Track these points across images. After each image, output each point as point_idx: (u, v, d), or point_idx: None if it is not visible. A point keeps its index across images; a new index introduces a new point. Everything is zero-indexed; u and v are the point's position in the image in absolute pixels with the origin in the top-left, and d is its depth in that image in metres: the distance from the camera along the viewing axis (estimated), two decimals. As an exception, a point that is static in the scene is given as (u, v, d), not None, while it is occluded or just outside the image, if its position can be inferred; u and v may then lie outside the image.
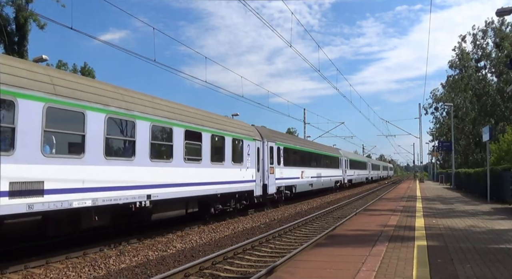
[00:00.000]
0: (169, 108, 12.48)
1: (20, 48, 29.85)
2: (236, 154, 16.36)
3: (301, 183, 24.92)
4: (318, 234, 12.54)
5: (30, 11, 29.02)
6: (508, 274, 5.71)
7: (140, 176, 10.67)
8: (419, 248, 7.61)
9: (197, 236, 12.33)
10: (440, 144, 52.16)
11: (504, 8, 16.11)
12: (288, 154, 22.73)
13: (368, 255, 7.03)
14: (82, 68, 44.43)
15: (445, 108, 57.60)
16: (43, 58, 22.18)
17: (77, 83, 9.32)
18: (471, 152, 53.70)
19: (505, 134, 29.79)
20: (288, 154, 22.85)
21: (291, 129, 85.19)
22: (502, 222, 11.59)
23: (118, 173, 9.96)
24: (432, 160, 76.66)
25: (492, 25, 50.46)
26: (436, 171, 63.11)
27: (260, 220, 16.44)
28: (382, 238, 8.75)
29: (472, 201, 19.64)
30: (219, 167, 14.88)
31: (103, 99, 9.75)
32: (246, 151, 17.36)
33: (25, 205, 7.61)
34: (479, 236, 9.06)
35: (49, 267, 8.53)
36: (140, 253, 9.98)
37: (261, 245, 11.08)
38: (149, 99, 11.78)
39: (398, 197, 23.42)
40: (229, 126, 16.30)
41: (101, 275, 8.18)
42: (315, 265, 6.56)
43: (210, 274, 8.11)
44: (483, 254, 7.05)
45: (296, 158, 24.73)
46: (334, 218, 17.35)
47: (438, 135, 62.56)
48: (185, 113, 13.25)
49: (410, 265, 6.26)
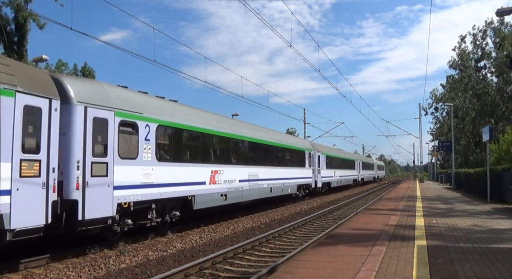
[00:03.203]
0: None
1: (19, 48, 29.84)
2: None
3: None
4: (318, 234, 12.55)
5: (29, 11, 29.00)
6: (508, 274, 5.71)
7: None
8: (419, 248, 7.61)
9: (197, 236, 12.33)
10: (440, 144, 52.14)
11: (504, 8, 16.10)
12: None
13: (368, 255, 7.03)
14: (82, 68, 44.40)
15: (445, 109, 57.60)
16: (43, 58, 22.19)
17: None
18: (471, 152, 53.67)
19: (505, 134, 29.76)
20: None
21: (290, 129, 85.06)
22: (502, 221, 11.59)
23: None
24: (432, 160, 76.63)
25: (492, 25, 50.49)
26: (436, 171, 63.08)
27: (260, 220, 16.43)
28: (382, 238, 8.75)
29: (472, 201, 19.63)
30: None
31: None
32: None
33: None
34: (479, 236, 9.06)
35: (49, 267, 8.53)
36: (140, 253, 9.97)
37: (261, 245, 11.08)
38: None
39: (398, 197, 23.41)
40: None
41: (101, 275, 8.18)
42: (315, 265, 6.55)
43: (210, 274, 8.11)
44: (483, 254, 7.04)
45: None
46: (334, 217, 17.36)
47: (438, 135, 62.54)
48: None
49: (410, 265, 6.25)
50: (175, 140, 12.61)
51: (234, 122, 19.28)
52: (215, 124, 15.34)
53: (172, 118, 12.36)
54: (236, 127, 17.45)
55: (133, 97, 11.19)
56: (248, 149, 18.37)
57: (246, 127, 19.17)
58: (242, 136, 17.57)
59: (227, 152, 16.27)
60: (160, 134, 11.74)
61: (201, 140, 14.11)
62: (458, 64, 55.16)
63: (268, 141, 20.60)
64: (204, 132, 14.15)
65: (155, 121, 11.41)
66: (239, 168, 16.84)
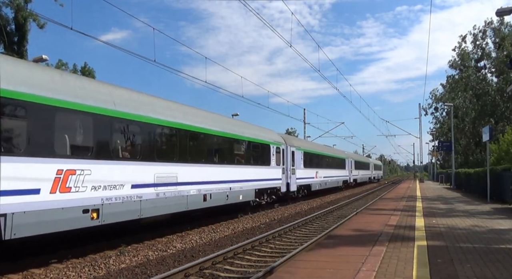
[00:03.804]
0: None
1: (19, 48, 29.83)
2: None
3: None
4: (318, 234, 12.54)
5: (29, 11, 29.00)
6: (508, 274, 5.71)
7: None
8: (419, 248, 7.61)
9: (197, 236, 12.33)
10: (440, 144, 52.11)
11: (504, 8, 16.09)
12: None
13: (368, 255, 7.03)
14: (82, 68, 44.37)
15: (445, 109, 57.61)
16: (43, 58, 22.18)
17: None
18: (471, 152, 53.67)
19: (505, 134, 29.76)
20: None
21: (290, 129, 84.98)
22: (502, 222, 11.59)
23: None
24: (432, 160, 76.62)
25: (491, 25, 50.48)
26: (436, 171, 63.07)
27: (260, 220, 16.43)
28: (382, 238, 8.75)
29: (472, 201, 19.63)
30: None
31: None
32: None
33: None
34: (479, 236, 9.05)
35: (49, 267, 8.53)
36: (140, 253, 9.97)
37: (261, 245, 11.08)
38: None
39: (398, 197, 23.41)
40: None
41: (101, 275, 8.18)
42: (315, 265, 6.55)
43: (210, 274, 8.11)
44: (483, 254, 7.04)
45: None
46: (334, 218, 17.36)
47: (438, 136, 62.54)
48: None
49: (410, 265, 6.25)
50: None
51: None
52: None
53: None
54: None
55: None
56: (161, 138, 12.24)
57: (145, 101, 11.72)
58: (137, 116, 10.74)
59: (105, 139, 9.86)
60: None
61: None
62: (458, 64, 55.17)
63: (199, 127, 13.87)
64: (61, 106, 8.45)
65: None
66: (133, 165, 10.54)
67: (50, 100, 8.21)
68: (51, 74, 9.11)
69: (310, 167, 27.34)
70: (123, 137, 10.72)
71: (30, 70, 8.59)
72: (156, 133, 11.68)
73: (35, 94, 7.93)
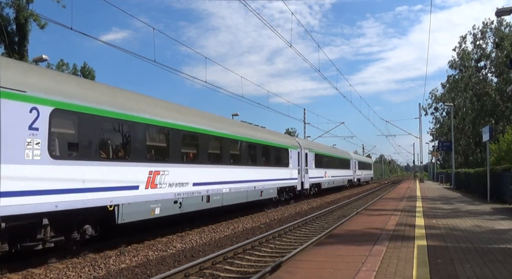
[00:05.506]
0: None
1: (20, 48, 29.83)
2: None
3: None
4: (318, 234, 12.54)
5: (30, 11, 28.99)
6: (508, 274, 5.71)
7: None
8: (419, 248, 7.61)
9: (197, 236, 12.33)
10: (440, 144, 52.09)
11: (503, 8, 16.07)
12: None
13: (368, 255, 7.03)
14: (82, 68, 44.38)
15: (445, 109, 57.62)
16: (43, 58, 22.17)
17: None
18: (471, 152, 53.69)
19: (505, 134, 29.77)
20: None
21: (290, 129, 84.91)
22: (502, 222, 11.59)
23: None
24: (432, 160, 76.65)
25: (491, 25, 50.49)
26: (436, 171, 63.08)
27: (260, 220, 16.43)
28: (382, 238, 8.75)
29: (472, 201, 19.63)
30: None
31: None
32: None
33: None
34: (479, 236, 9.06)
35: (49, 267, 8.53)
36: (140, 253, 9.98)
37: (261, 245, 11.08)
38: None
39: (398, 197, 23.40)
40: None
41: (101, 275, 8.18)
42: (315, 265, 6.55)
43: (210, 274, 8.11)
44: (483, 254, 7.04)
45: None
46: (334, 217, 17.35)
47: (438, 136, 62.54)
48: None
49: (410, 265, 6.25)
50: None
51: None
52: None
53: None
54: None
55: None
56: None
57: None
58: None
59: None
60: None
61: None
62: (458, 65, 55.18)
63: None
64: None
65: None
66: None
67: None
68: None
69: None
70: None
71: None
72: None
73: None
